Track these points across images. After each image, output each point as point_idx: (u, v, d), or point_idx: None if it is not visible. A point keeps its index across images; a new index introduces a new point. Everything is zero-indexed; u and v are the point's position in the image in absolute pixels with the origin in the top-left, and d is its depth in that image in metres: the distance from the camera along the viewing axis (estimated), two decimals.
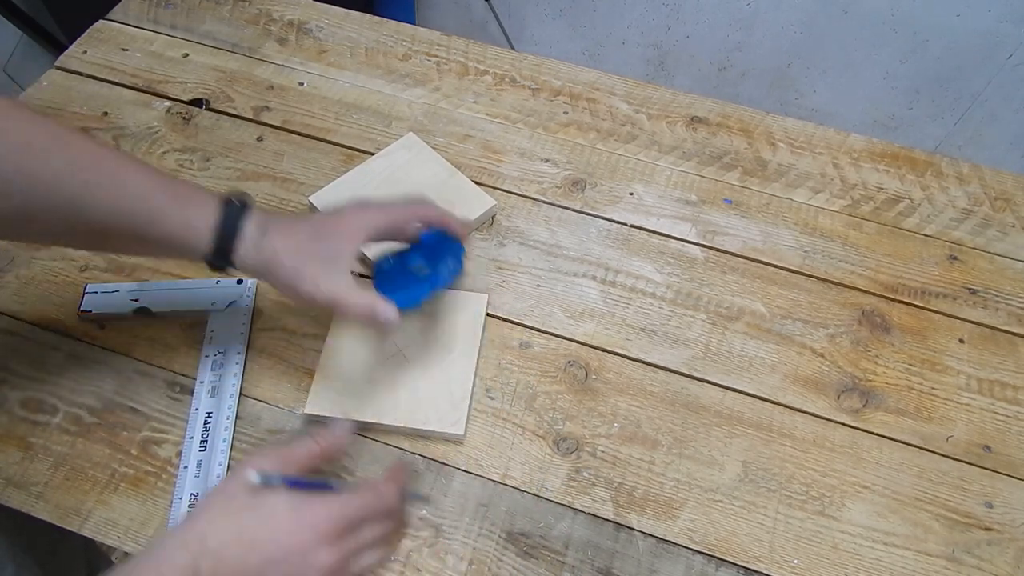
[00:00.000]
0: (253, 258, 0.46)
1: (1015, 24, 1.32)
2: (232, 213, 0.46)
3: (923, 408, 0.58)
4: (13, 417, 0.55)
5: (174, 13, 0.81)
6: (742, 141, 0.74)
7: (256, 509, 0.41)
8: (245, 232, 0.45)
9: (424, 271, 0.54)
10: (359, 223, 0.49)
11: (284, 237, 0.47)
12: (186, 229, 0.44)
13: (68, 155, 0.42)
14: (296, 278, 0.46)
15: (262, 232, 0.46)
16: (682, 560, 0.51)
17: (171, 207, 0.44)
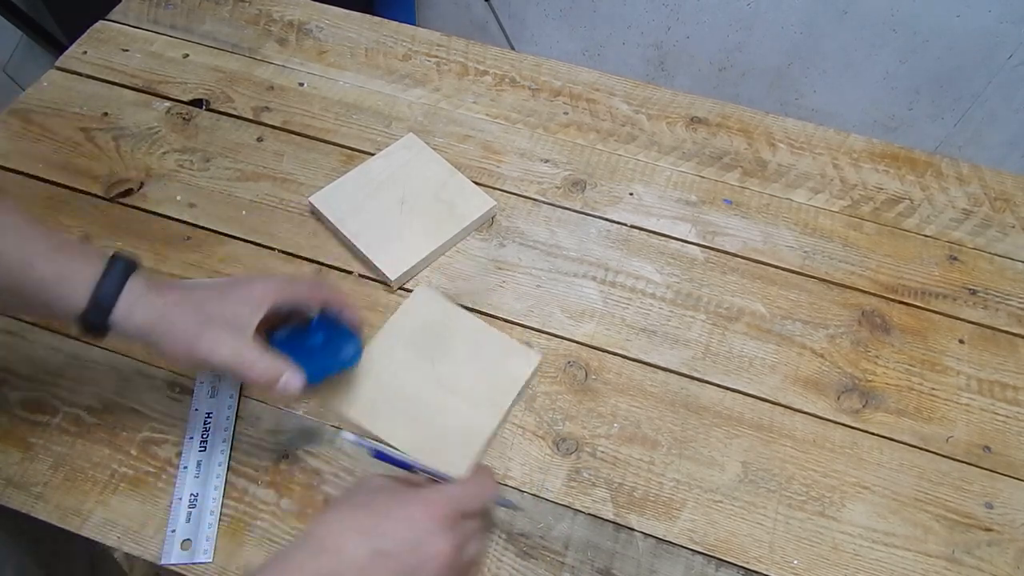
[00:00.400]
0: (138, 317, 0.42)
1: (1015, 24, 1.32)
2: (118, 267, 0.42)
3: (923, 408, 0.58)
4: (13, 417, 0.55)
5: (174, 13, 0.81)
6: (742, 141, 0.74)
7: (369, 506, 0.41)
8: (131, 287, 0.41)
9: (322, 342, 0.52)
10: (263, 290, 0.46)
11: (178, 298, 0.43)
12: (61, 287, 0.40)
13: None
14: (191, 340, 0.42)
15: (151, 290, 0.43)
16: (682, 560, 0.51)
17: (48, 259, 0.40)
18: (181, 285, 0.45)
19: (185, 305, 0.43)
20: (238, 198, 0.67)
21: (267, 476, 0.53)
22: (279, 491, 0.53)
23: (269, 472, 0.53)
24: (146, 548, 0.50)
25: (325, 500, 0.52)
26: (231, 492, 0.52)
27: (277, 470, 0.53)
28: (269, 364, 0.45)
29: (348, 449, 0.40)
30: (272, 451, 0.54)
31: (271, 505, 0.52)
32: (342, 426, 0.39)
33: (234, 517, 0.51)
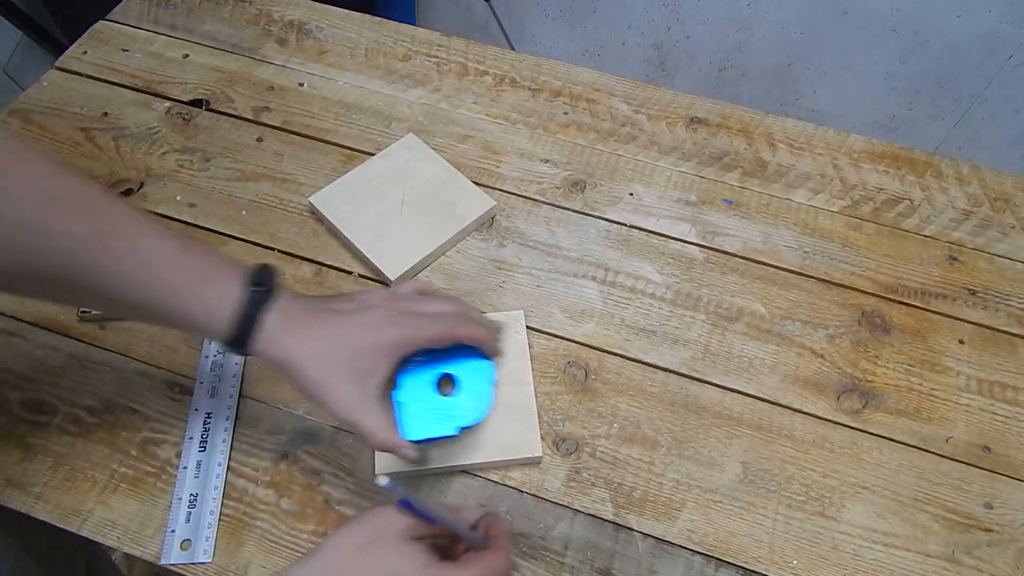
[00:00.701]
0: (271, 353, 0.43)
1: (1015, 24, 1.33)
2: (252, 301, 0.42)
3: (923, 409, 0.58)
4: (13, 417, 0.55)
5: (174, 14, 0.81)
6: (742, 142, 0.74)
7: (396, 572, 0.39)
8: (265, 323, 0.42)
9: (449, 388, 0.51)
10: (395, 338, 0.45)
11: (310, 340, 0.43)
12: (206, 314, 0.41)
13: (91, 217, 0.39)
14: (321, 393, 0.43)
15: (285, 325, 0.43)
16: (681, 561, 0.51)
17: (192, 287, 0.41)
18: (314, 321, 0.44)
19: (313, 351, 0.43)
20: (238, 198, 0.67)
21: (267, 476, 0.53)
22: (279, 491, 0.53)
23: (269, 472, 0.53)
24: (146, 548, 0.50)
25: (325, 500, 0.52)
26: (231, 492, 0.52)
27: (277, 470, 0.53)
28: (387, 440, 0.44)
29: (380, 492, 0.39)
30: (272, 451, 0.54)
31: (271, 505, 0.52)
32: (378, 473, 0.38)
33: (234, 517, 0.51)
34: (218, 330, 0.42)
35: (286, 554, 0.50)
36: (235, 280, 0.42)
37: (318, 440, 0.55)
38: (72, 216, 0.38)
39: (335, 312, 0.45)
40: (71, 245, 0.38)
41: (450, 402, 0.50)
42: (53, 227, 0.38)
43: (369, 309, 0.46)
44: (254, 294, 0.42)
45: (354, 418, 0.43)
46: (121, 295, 0.40)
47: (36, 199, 0.38)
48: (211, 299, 0.41)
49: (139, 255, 0.40)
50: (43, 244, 0.38)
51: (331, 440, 0.55)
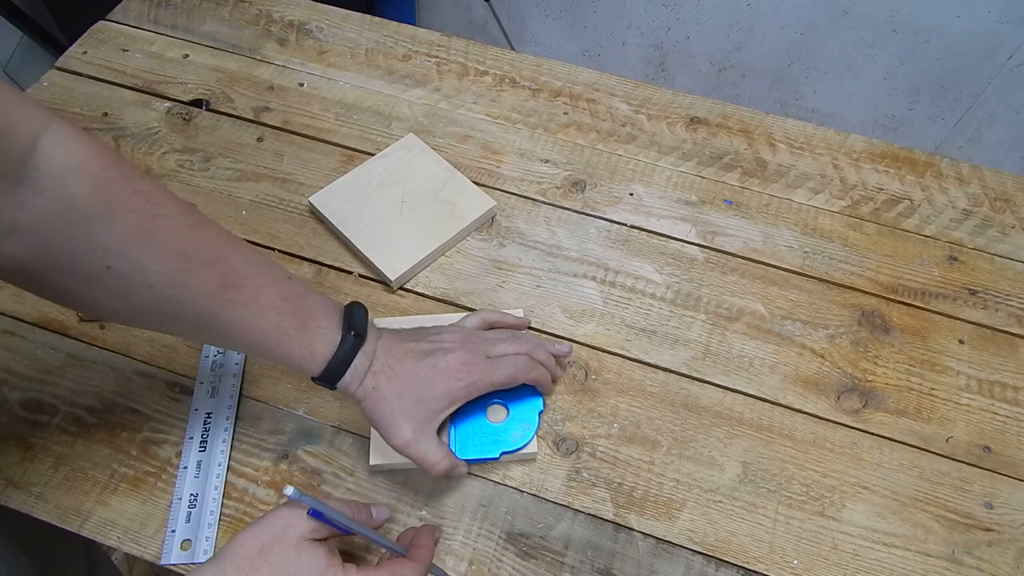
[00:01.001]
0: (353, 391, 0.48)
1: (1015, 25, 1.33)
2: (347, 347, 0.47)
3: (923, 409, 0.58)
4: (13, 417, 0.55)
5: (174, 14, 0.81)
6: (742, 142, 0.74)
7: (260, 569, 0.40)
8: (353, 366, 0.47)
9: (501, 416, 0.55)
10: (465, 384, 0.50)
11: (387, 380, 0.48)
12: (305, 358, 0.46)
13: (219, 271, 0.43)
14: (389, 429, 0.48)
15: (368, 368, 0.48)
16: (682, 561, 0.51)
17: (298, 333, 0.45)
18: (394, 363, 0.49)
19: (389, 392, 0.48)
20: (238, 198, 0.67)
21: (267, 476, 0.53)
22: (279, 491, 0.53)
23: (269, 472, 0.53)
24: (146, 548, 0.50)
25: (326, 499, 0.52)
26: (231, 492, 0.52)
27: (277, 470, 0.53)
28: (446, 467, 0.49)
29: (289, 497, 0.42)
30: (272, 451, 0.54)
31: (271, 505, 0.52)
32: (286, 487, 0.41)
33: (234, 517, 0.51)
34: (313, 371, 0.47)
35: None
36: (334, 324, 0.47)
37: (318, 440, 0.55)
38: (204, 270, 0.42)
39: (412, 354, 0.50)
40: (201, 296, 0.42)
41: (498, 428, 0.54)
42: (187, 280, 0.42)
43: (444, 353, 0.50)
44: (350, 340, 0.47)
45: (418, 451, 0.48)
46: (235, 337, 0.45)
47: (174, 255, 0.41)
48: (312, 344, 0.46)
49: (257, 304, 0.44)
50: (177, 295, 0.42)
51: (331, 440, 0.55)
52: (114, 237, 0.39)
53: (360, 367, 0.47)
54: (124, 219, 0.39)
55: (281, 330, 0.45)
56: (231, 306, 0.43)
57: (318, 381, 0.47)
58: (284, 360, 0.46)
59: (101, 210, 0.38)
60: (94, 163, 0.38)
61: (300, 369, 0.47)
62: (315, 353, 0.46)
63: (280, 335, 0.45)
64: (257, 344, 0.45)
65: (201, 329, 0.44)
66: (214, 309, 0.43)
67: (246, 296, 0.44)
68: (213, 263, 0.43)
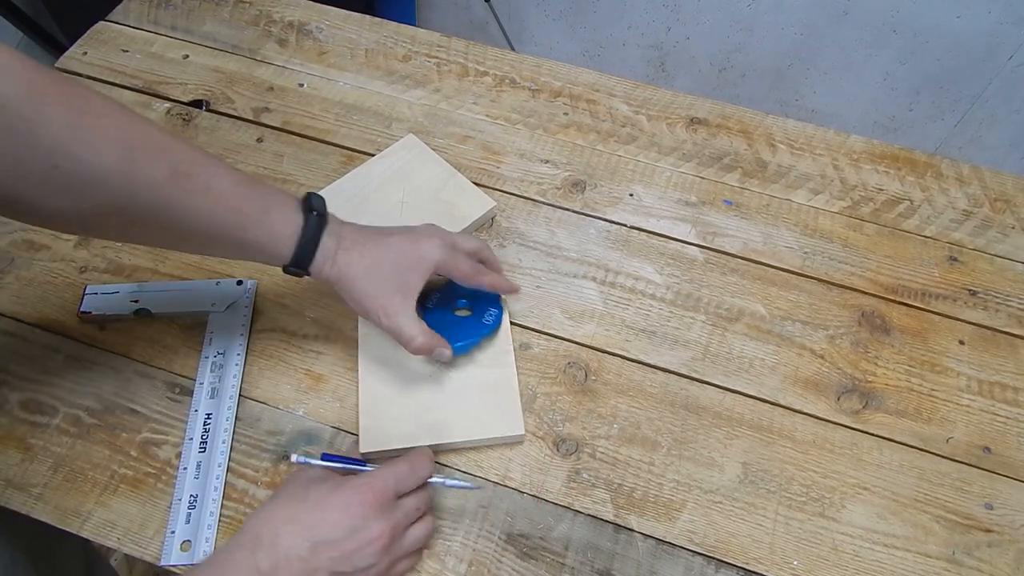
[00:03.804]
0: (327, 272, 0.48)
1: (1015, 25, 1.33)
2: (312, 226, 0.47)
3: (923, 409, 0.58)
4: (13, 418, 0.55)
5: (174, 14, 0.81)
6: (742, 142, 0.74)
7: (304, 499, 0.43)
8: (322, 245, 0.48)
9: (466, 313, 0.58)
10: (431, 256, 0.51)
11: (359, 256, 0.49)
12: (272, 240, 0.46)
13: (168, 159, 0.43)
14: (366, 303, 0.49)
15: (339, 245, 0.49)
16: (682, 561, 0.51)
17: (259, 217, 0.46)
18: (363, 242, 0.50)
19: (361, 267, 0.49)
20: None
21: (267, 477, 0.53)
22: None
23: (269, 473, 0.53)
24: (146, 549, 0.50)
25: None
26: (231, 493, 0.52)
27: (277, 471, 0.53)
28: (425, 341, 0.50)
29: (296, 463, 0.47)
30: (272, 452, 0.54)
31: None
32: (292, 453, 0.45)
33: (234, 518, 0.51)
34: (282, 255, 0.47)
35: None
36: (295, 208, 0.48)
37: (318, 441, 0.55)
38: (151, 160, 0.42)
39: (383, 231, 0.51)
40: (152, 186, 0.42)
41: (468, 318, 0.57)
42: (135, 170, 0.41)
43: (414, 230, 0.53)
44: (313, 219, 0.47)
45: (397, 323, 0.49)
46: (196, 229, 0.45)
47: (116, 146, 0.41)
48: (277, 227, 0.46)
49: (212, 191, 0.44)
50: (126, 186, 0.41)
51: (331, 441, 0.55)
52: (53, 135, 0.39)
53: (329, 246, 0.48)
54: (59, 116, 0.39)
55: (243, 215, 0.45)
56: (187, 195, 0.43)
57: (290, 268, 0.48)
58: (251, 247, 0.46)
59: (34, 108, 0.38)
60: (20, 66, 0.38)
61: (269, 254, 0.47)
62: (280, 235, 0.46)
63: (243, 220, 0.45)
64: (220, 233, 0.45)
65: (162, 227, 0.44)
66: (168, 199, 0.43)
67: (201, 184, 0.44)
68: (159, 152, 0.42)
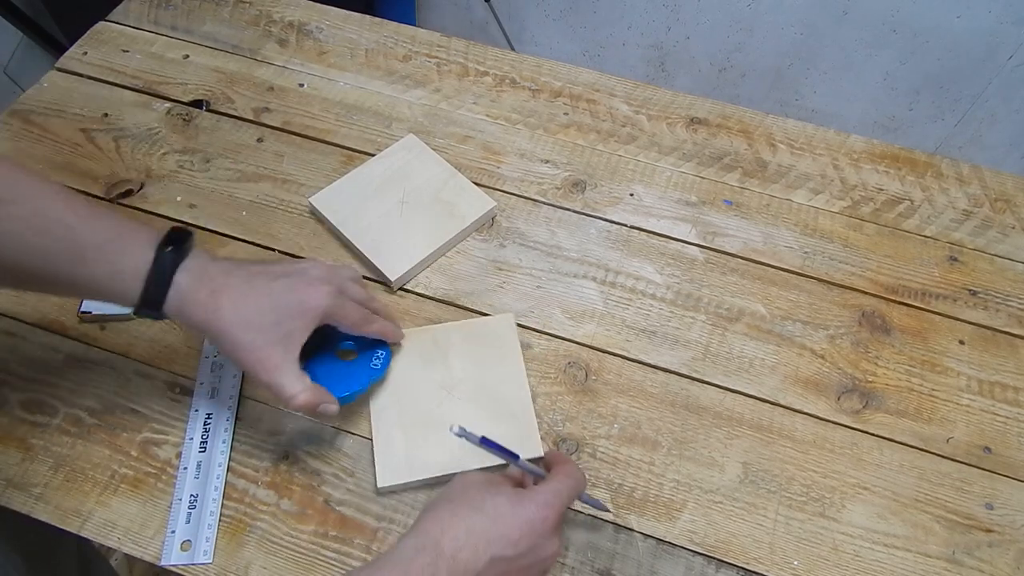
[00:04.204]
0: (189, 316, 0.42)
1: (1015, 25, 1.33)
2: (165, 262, 0.41)
3: (923, 409, 0.58)
4: (13, 418, 0.55)
5: (174, 14, 0.81)
6: (742, 142, 0.74)
7: (482, 510, 0.41)
8: (177, 284, 0.42)
9: (352, 356, 0.55)
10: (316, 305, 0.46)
11: (230, 301, 0.43)
12: (112, 276, 0.40)
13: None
14: (240, 355, 0.44)
15: (203, 286, 0.42)
16: (682, 561, 0.51)
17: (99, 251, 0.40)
18: (238, 285, 0.44)
19: (239, 314, 0.43)
20: (238, 199, 0.67)
21: (267, 477, 0.53)
22: (279, 492, 0.53)
23: (269, 473, 0.53)
24: (146, 549, 0.50)
25: (325, 501, 0.52)
26: (231, 493, 0.52)
27: (277, 471, 0.53)
28: (309, 398, 0.46)
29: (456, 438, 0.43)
30: (272, 452, 0.54)
31: (271, 506, 0.52)
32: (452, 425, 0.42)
33: (234, 518, 0.51)
34: (128, 293, 0.41)
35: (286, 555, 0.50)
36: (146, 242, 0.41)
37: (318, 440, 0.55)
38: None
39: (263, 275, 0.45)
40: None
41: (355, 363, 0.54)
42: None
43: (300, 275, 0.47)
44: (166, 255, 0.41)
45: (278, 379, 0.44)
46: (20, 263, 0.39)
47: None
48: (120, 261, 0.40)
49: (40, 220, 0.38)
50: None
51: (331, 440, 0.55)
52: None
53: (187, 286, 0.42)
54: None
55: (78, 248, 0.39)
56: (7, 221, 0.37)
57: (140, 310, 0.41)
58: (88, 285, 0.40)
59: None
60: None
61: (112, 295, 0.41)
62: (123, 272, 0.40)
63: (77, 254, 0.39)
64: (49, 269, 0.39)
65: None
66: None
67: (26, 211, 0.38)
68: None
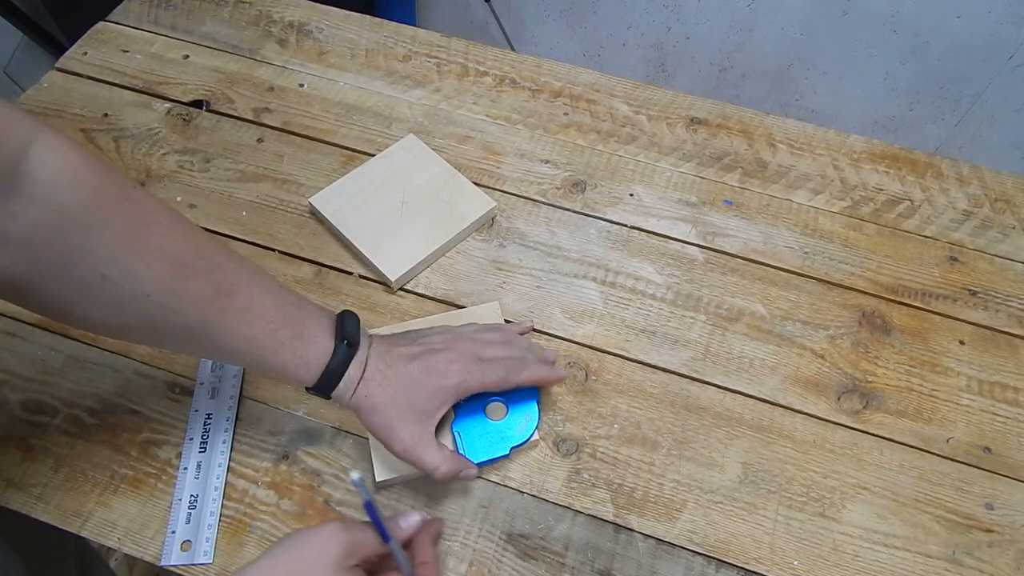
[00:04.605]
0: (347, 401, 0.48)
1: (1015, 25, 1.33)
2: (341, 356, 0.47)
3: (923, 410, 0.58)
4: (13, 418, 0.55)
5: (174, 14, 0.81)
6: (742, 142, 0.74)
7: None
8: (347, 376, 0.47)
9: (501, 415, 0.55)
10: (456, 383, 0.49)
11: (378, 387, 0.48)
12: (299, 367, 0.46)
13: (213, 279, 0.43)
14: (386, 436, 0.48)
15: (362, 375, 0.48)
16: (682, 562, 0.51)
17: (291, 343, 0.45)
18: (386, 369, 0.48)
19: (383, 397, 0.48)
20: (238, 199, 0.67)
21: (267, 477, 0.53)
22: (279, 492, 0.53)
23: (269, 473, 0.53)
24: (146, 549, 0.50)
25: (325, 501, 0.52)
26: (231, 493, 0.52)
27: (277, 471, 0.53)
28: (449, 469, 0.49)
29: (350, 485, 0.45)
30: (272, 452, 0.54)
31: (271, 506, 0.52)
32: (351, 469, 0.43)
33: (234, 518, 0.51)
34: (307, 380, 0.47)
35: None
36: (327, 333, 0.47)
37: (318, 441, 0.55)
38: (198, 278, 0.42)
39: (402, 358, 0.50)
40: (194, 304, 0.42)
41: (501, 424, 0.54)
42: (180, 287, 0.42)
43: (433, 353, 0.50)
44: (343, 349, 0.47)
45: (418, 456, 0.48)
46: (229, 347, 0.45)
47: (169, 263, 0.41)
48: (306, 354, 0.46)
49: (250, 312, 0.44)
50: (171, 303, 0.41)
51: (331, 441, 0.55)
52: (108, 245, 0.39)
53: (353, 375, 0.47)
54: (117, 226, 0.39)
55: (276, 339, 0.45)
56: (225, 315, 0.43)
57: (312, 391, 0.48)
58: (278, 370, 0.46)
59: (94, 217, 0.38)
60: (86, 171, 0.38)
61: (294, 378, 0.47)
62: (309, 363, 0.46)
63: (275, 345, 0.45)
64: (251, 354, 0.45)
65: (195, 340, 0.44)
66: (208, 318, 0.43)
67: (240, 305, 0.44)
68: (207, 271, 0.43)
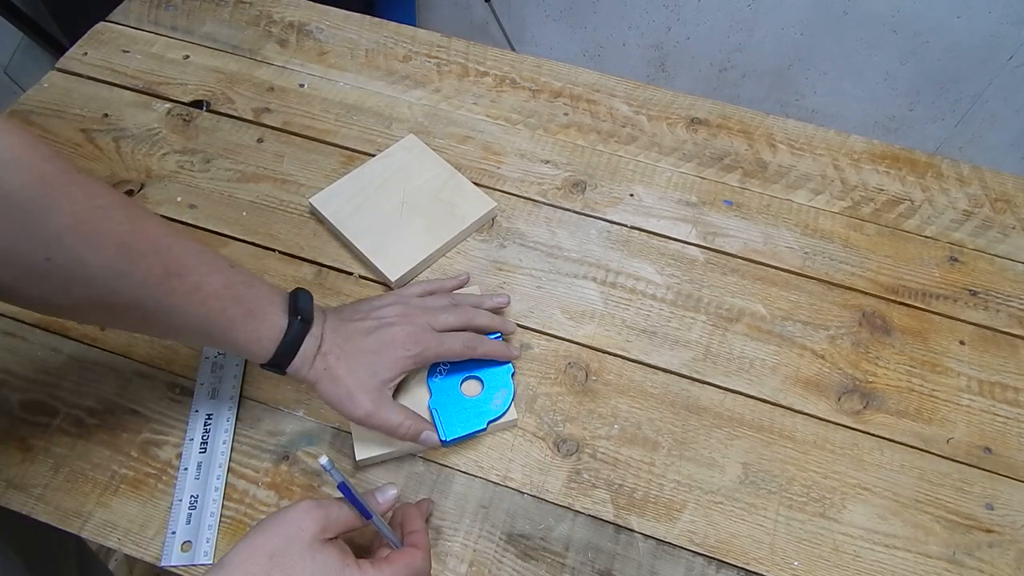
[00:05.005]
0: (303, 374, 0.49)
1: (1015, 25, 1.33)
2: (295, 331, 0.48)
3: (924, 410, 0.58)
4: (13, 419, 0.55)
5: (175, 15, 0.81)
6: (742, 143, 0.74)
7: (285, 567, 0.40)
8: (303, 350, 0.48)
9: (476, 391, 0.56)
10: (412, 354, 0.51)
11: (335, 360, 0.49)
12: (252, 343, 0.47)
13: (161, 260, 0.43)
14: (347, 405, 0.49)
15: (317, 350, 0.49)
16: (682, 562, 0.51)
17: (243, 321, 0.46)
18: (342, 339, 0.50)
19: (340, 368, 0.49)
20: (238, 199, 0.67)
21: (267, 477, 0.53)
22: (279, 492, 0.53)
23: (269, 473, 0.53)
24: (146, 550, 0.50)
25: None
26: (231, 493, 0.52)
27: (277, 471, 0.53)
28: (412, 425, 0.50)
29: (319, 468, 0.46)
30: (272, 452, 0.54)
31: (271, 507, 0.52)
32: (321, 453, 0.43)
33: (234, 519, 0.51)
34: (262, 356, 0.48)
35: None
36: (280, 310, 0.48)
37: (318, 441, 0.55)
38: (146, 259, 0.42)
39: (358, 332, 0.51)
40: (143, 286, 0.43)
41: (477, 400, 0.55)
42: (128, 270, 0.42)
43: (388, 327, 0.52)
44: (297, 324, 0.48)
45: (380, 418, 0.49)
46: (180, 326, 0.45)
47: (116, 246, 0.41)
48: (259, 330, 0.47)
49: (201, 292, 0.45)
50: (119, 286, 0.42)
51: (331, 441, 0.55)
52: (52, 229, 0.39)
53: (308, 350, 0.48)
54: (62, 210, 0.39)
55: (226, 317, 0.46)
56: (174, 295, 0.44)
57: (267, 367, 0.49)
58: (231, 347, 0.47)
59: (39, 202, 0.38)
60: (30, 154, 0.38)
61: (248, 355, 0.48)
62: (262, 339, 0.47)
63: (225, 323, 0.46)
64: (203, 333, 0.46)
65: (146, 321, 0.45)
66: (158, 299, 0.43)
67: (189, 285, 0.44)
68: (154, 252, 0.43)
